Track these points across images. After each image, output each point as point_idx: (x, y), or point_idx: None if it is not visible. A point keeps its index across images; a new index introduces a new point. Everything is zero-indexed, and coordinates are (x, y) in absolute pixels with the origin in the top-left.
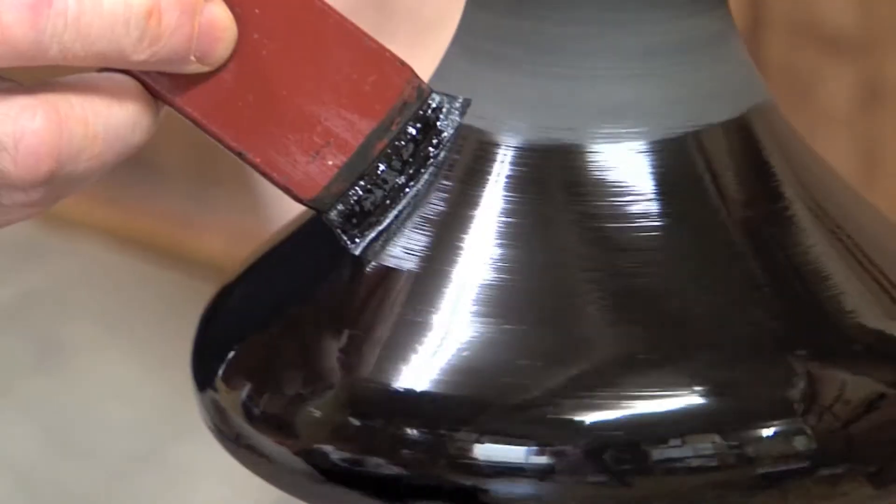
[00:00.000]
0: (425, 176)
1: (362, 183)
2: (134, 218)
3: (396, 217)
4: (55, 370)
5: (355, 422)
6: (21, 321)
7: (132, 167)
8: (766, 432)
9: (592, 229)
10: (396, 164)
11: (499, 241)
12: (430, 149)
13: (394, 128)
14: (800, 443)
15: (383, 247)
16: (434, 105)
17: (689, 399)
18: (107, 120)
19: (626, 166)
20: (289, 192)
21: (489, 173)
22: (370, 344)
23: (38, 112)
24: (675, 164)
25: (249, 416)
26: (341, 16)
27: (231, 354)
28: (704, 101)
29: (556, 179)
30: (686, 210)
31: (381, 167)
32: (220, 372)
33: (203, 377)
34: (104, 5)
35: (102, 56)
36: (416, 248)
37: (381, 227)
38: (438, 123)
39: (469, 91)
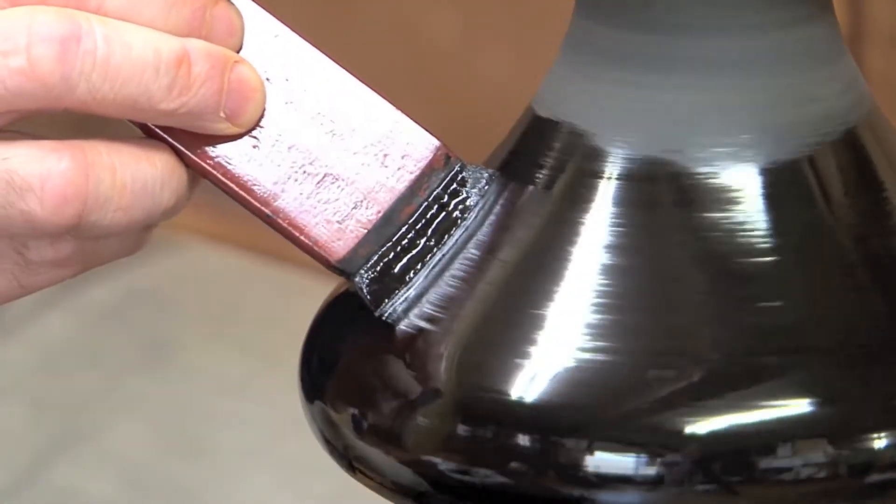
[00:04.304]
0: (454, 239)
1: (390, 245)
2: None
3: (426, 278)
4: (163, 367)
5: (463, 431)
6: (127, 319)
7: None
8: (878, 442)
9: (702, 245)
10: (424, 228)
11: (606, 257)
12: (457, 214)
13: (421, 193)
14: None
15: (408, 311)
16: (463, 174)
17: (798, 408)
18: (134, 173)
19: (735, 179)
20: (315, 254)
21: (593, 190)
22: (474, 353)
23: (66, 155)
24: (785, 178)
25: (358, 428)
26: (370, 87)
27: (338, 367)
28: (815, 111)
29: (665, 197)
30: (797, 222)
31: (409, 232)
32: (328, 384)
33: (311, 389)
34: (133, 49)
35: (132, 101)
36: (443, 303)
37: (409, 291)
38: (465, 191)
39: (575, 105)
